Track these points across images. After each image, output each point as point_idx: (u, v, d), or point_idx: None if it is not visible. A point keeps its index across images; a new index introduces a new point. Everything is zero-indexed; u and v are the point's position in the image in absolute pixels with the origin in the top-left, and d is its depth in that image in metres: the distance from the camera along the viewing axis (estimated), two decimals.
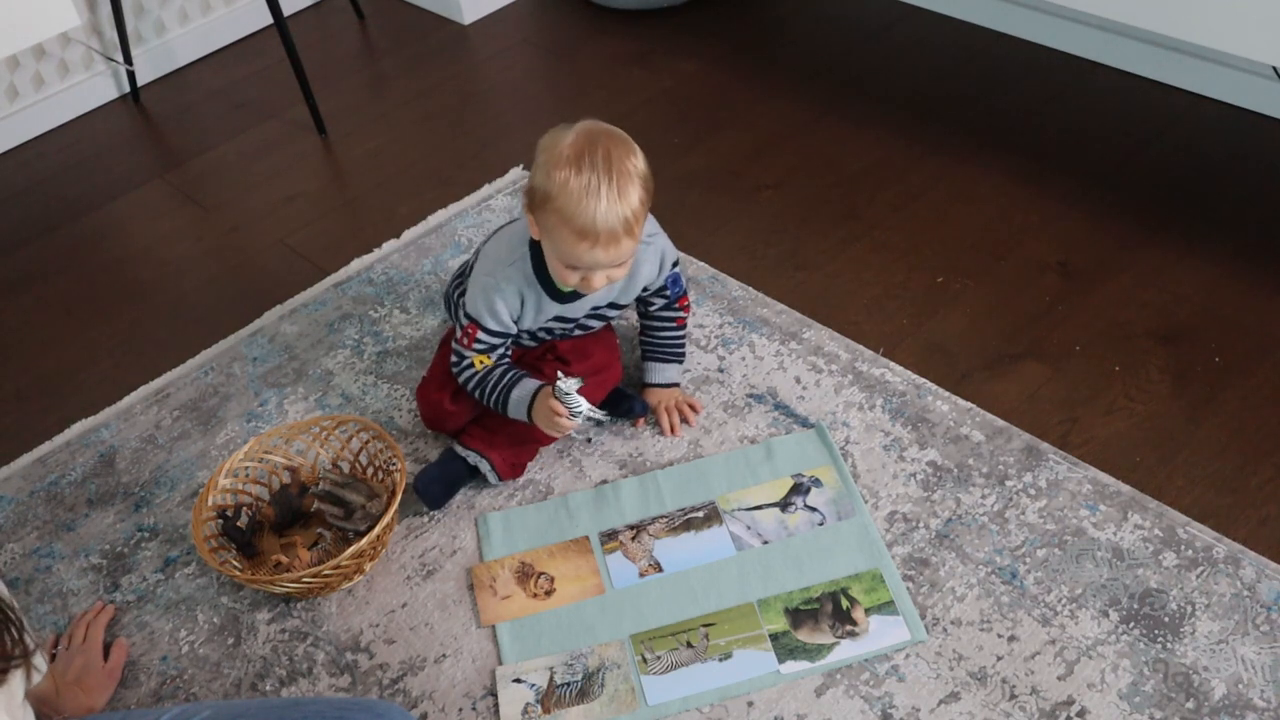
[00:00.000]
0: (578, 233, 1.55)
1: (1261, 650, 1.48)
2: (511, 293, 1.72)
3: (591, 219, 1.54)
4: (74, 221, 2.56)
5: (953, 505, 1.70)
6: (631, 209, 1.56)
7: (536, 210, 1.60)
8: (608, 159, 1.55)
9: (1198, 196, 2.16)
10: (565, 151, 1.56)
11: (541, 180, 1.57)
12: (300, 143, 2.70)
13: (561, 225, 1.56)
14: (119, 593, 1.77)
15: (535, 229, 1.64)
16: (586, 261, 1.59)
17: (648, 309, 1.87)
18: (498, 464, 1.79)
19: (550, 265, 1.66)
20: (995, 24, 2.66)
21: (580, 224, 1.54)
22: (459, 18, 3.02)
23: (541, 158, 1.58)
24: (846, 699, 1.50)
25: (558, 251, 1.61)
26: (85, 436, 2.02)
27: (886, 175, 2.33)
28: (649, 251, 1.75)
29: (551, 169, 1.56)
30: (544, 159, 1.58)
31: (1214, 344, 1.89)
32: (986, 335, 1.97)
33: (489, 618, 1.64)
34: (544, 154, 1.58)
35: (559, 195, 1.55)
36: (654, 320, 1.87)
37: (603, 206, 1.54)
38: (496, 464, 1.79)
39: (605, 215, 1.54)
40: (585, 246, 1.56)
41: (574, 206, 1.54)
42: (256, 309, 2.23)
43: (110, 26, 2.84)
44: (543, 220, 1.60)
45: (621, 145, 1.59)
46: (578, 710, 1.52)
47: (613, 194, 1.54)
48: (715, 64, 2.73)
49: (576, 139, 1.57)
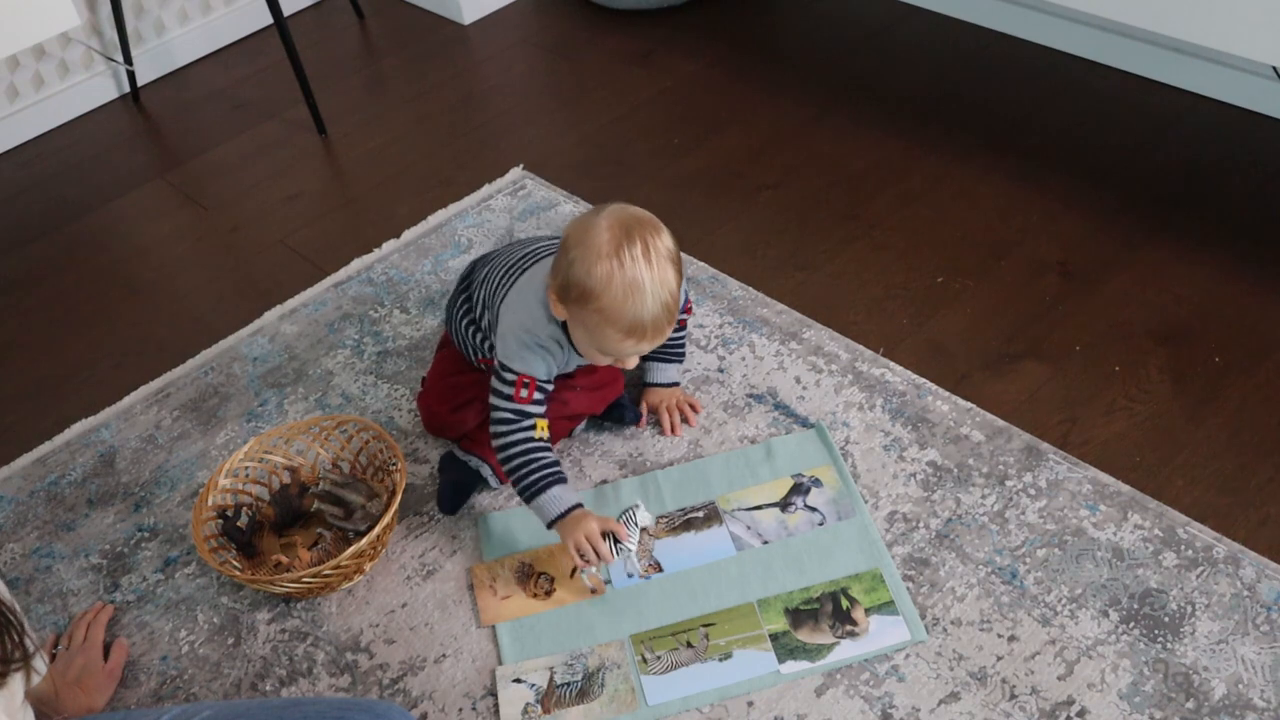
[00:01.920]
0: (625, 331, 1.52)
1: (1261, 650, 1.48)
2: (548, 350, 1.64)
3: (639, 316, 1.50)
4: (74, 221, 2.56)
5: (953, 505, 1.70)
6: (673, 295, 1.53)
7: (573, 305, 1.54)
8: (646, 250, 1.50)
9: (1198, 196, 2.16)
10: (603, 247, 1.50)
11: (580, 276, 1.51)
12: (300, 143, 2.70)
13: (606, 325, 1.52)
14: (119, 593, 1.77)
15: (561, 312, 1.58)
16: (628, 352, 1.57)
17: None
18: (497, 468, 1.79)
19: (581, 346, 1.62)
20: (995, 24, 2.66)
21: (628, 323, 1.51)
22: (459, 18, 3.02)
23: (575, 253, 1.52)
24: (846, 699, 1.50)
25: (596, 343, 1.56)
26: (85, 436, 2.02)
27: (886, 175, 2.33)
28: None
29: (590, 265, 1.50)
30: (579, 254, 1.51)
31: (1214, 344, 1.89)
32: (986, 335, 1.97)
33: (489, 618, 1.64)
34: (578, 249, 1.52)
35: (603, 294, 1.50)
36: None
37: (649, 302, 1.50)
38: (497, 469, 1.79)
39: (652, 309, 1.50)
40: (632, 342, 1.54)
41: (620, 305, 1.49)
42: (256, 309, 2.23)
43: (110, 26, 2.84)
44: (581, 316, 1.54)
45: (654, 230, 1.53)
46: (578, 710, 1.52)
47: (657, 286, 1.50)
48: (715, 64, 2.73)
49: (612, 232, 1.51)
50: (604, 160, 2.48)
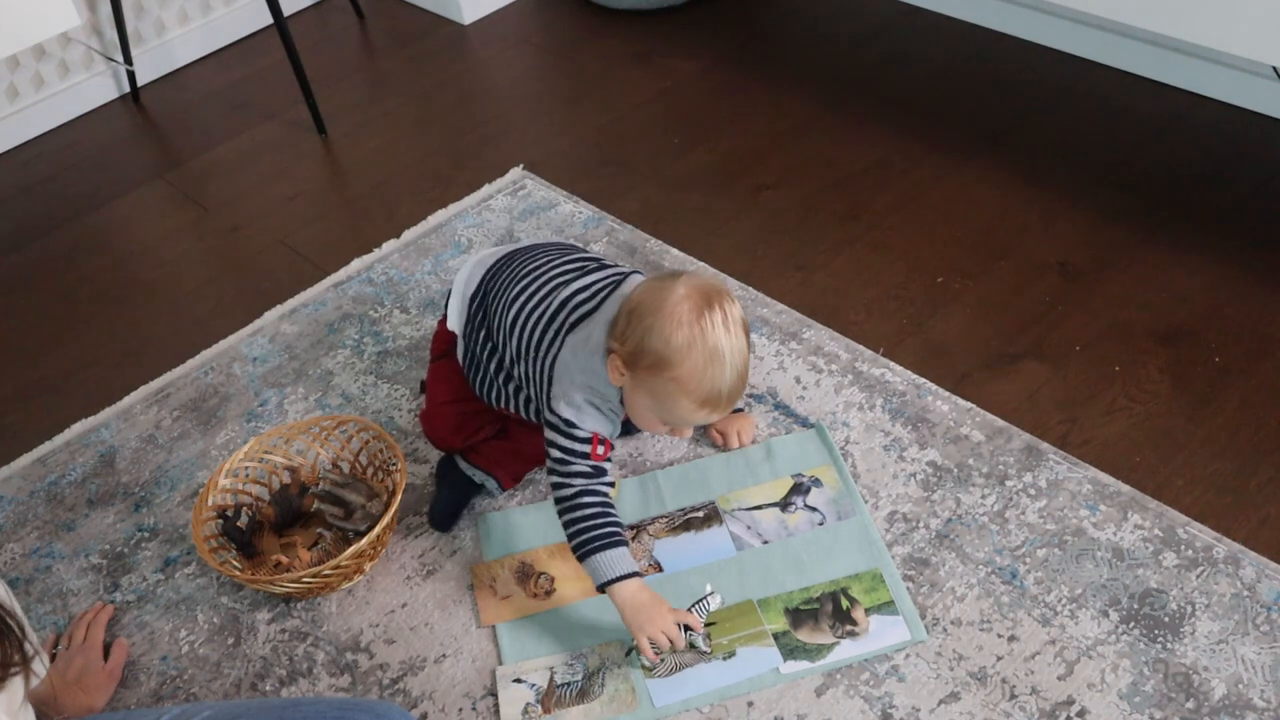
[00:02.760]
0: (701, 401, 1.47)
1: (1261, 650, 1.48)
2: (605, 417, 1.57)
3: (717, 387, 1.46)
4: (74, 221, 2.56)
5: (953, 505, 1.70)
6: (747, 364, 1.50)
7: (643, 372, 1.48)
8: (725, 318, 1.46)
9: (1198, 196, 2.16)
10: (684, 315, 1.45)
11: (657, 345, 1.45)
12: (300, 143, 2.70)
13: (682, 395, 1.47)
14: (119, 593, 1.77)
15: (621, 379, 1.53)
16: (698, 421, 1.53)
17: None
18: (503, 479, 1.78)
19: (637, 415, 1.56)
20: (995, 24, 2.66)
21: (705, 393, 1.46)
22: (459, 18, 3.02)
23: (651, 320, 1.46)
24: (846, 699, 1.50)
25: (664, 413, 1.52)
26: (85, 436, 2.02)
27: (886, 175, 2.33)
28: None
29: (670, 333, 1.45)
30: (655, 322, 1.46)
31: (1214, 344, 1.89)
32: (986, 335, 1.97)
33: (489, 618, 1.64)
34: (653, 316, 1.46)
35: (683, 362, 1.45)
36: None
37: (727, 372, 1.46)
38: (502, 479, 1.78)
39: (730, 380, 1.47)
40: (705, 412, 1.49)
41: (700, 375, 1.45)
42: (256, 309, 2.23)
43: (110, 26, 2.84)
44: (652, 384, 1.49)
45: (730, 299, 1.49)
46: (578, 710, 1.52)
47: (735, 356, 1.46)
48: (715, 64, 2.73)
49: (692, 300, 1.46)
50: (604, 160, 2.48)
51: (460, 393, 1.78)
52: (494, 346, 1.69)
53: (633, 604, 1.51)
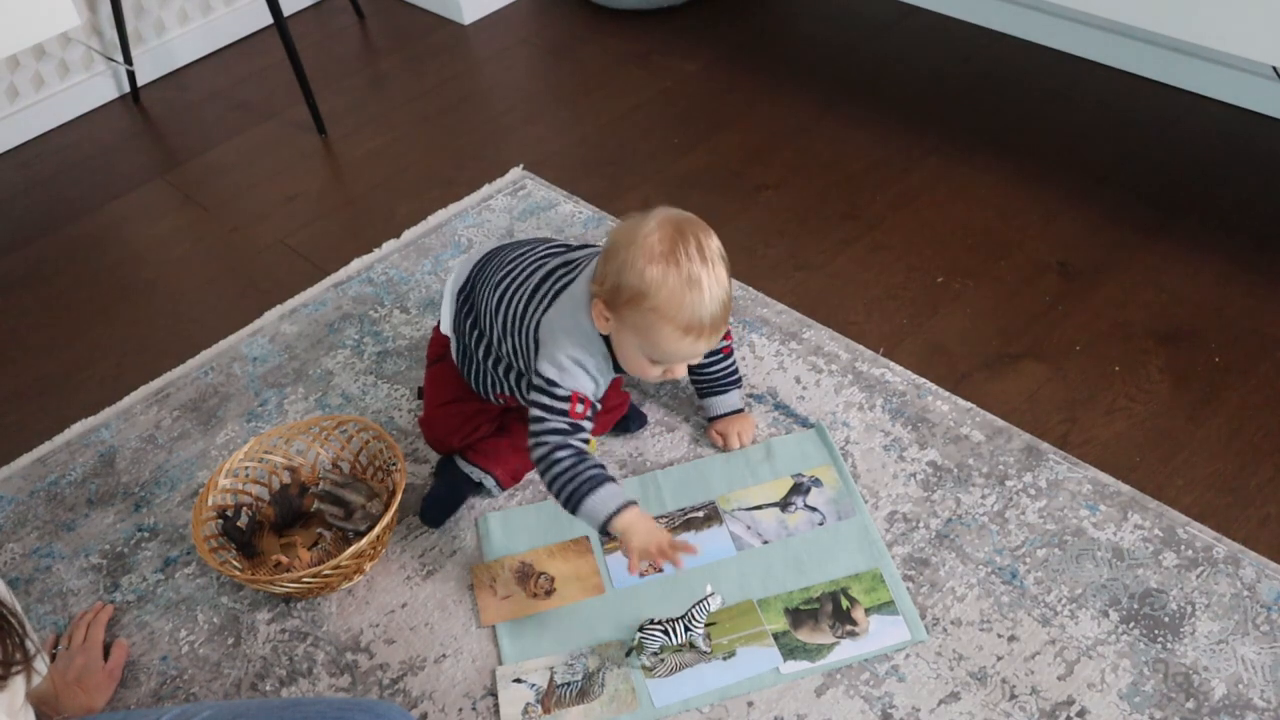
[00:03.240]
0: (683, 328, 1.48)
1: (1261, 650, 1.48)
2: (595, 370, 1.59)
3: (697, 312, 1.47)
4: (74, 221, 2.56)
5: (953, 505, 1.70)
6: (728, 294, 1.50)
7: (624, 308, 1.50)
8: (700, 247, 1.48)
9: (1198, 196, 2.16)
10: (656, 246, 1.47)
11: (631, 277, 1.47)
12: (300, 143, 2.70)
13: (663, 323, 1.48)
14: (119, 593, 1.77)
15: (606, 324, 1.54)
16: (685, 354, 1.53)
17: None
18: (501, 478, 1.78)
19: (628, 360, 1.57)
20: (995, 24, 2.66)
21: (686, 319, 1.47)
22: (459, 18, 3.02)
23: (626, 254, 1.48)
24: (846, 699, 1.50)
25: (649, 348, 1.52)
26: (85, 436, 2.02)
27: (886, 175, 2.33)
28: None
29: (644, 266, 1.47)
30: (629, 255, 1.48)
31: (1214, 344, 1.89)
32: (986, 335, 1.97)
33: (489, 617, 1.64)
34: (628, 249, 1.48)
35: (659, 290, 1.46)
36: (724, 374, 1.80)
37: (706, 298, 1.47)
38: (500, 478, 1.78)
39: (710, 306, 1.47)
40: (690, 340, 1.50)
41: (679, 300, 1.46)
42: (256, 309, 2.23)
43: (110, 26, 2.84)
44: (631, 318, 1.50)
45: (704, 230, 1.51)
46: (578, 710, 1.52)
47: (713, 283, 1.47)
48: (715, 64, 2.73)
49: (664, 231, 1.48)
50: (604, 160, 2.48)
51: (457, 393, 1.78)
52: (481, 332, 1.70)
53: (635, 529, 1.51)
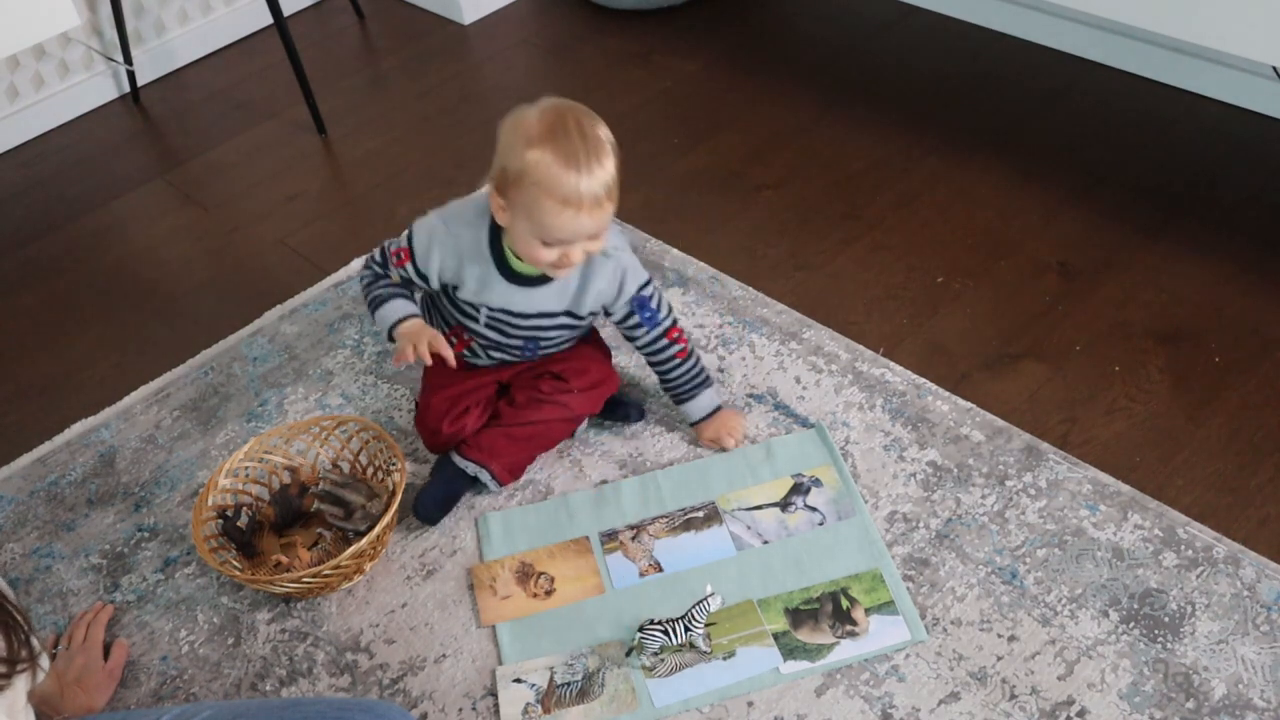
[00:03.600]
0: (562, 201, 1.54)
1: (1261, 650, 1.48)
2: (451, 249, 1.70)
3: (575, 185, 1.53)
4: (74, 221, 2.56)
5: (953, 505, 1.70)
6: (609, 174, 1.56)
7: (509, 191, 1.58)
8: (579, 128, 1.55)
9: (1198, 196, 2.16)
10: (535, 128, 1.55)
11: (512, 159, 1.56)
12: (300, 143, 2.70)
13: (543, 197, 1.54)
14: (119, 593, 1.77)
15: (503, 213, 1.62)
16: (570, 231, 1.57)
17: (637, 344, 1.80)
18: (497, 472, 1.78)
19: (521, 247, 1.63)
20: (995, 24, 2.66)
21: (564, 192, 1.53)
22: (459, 18, 3.02)
23: (509, 138, 1.58)
24: (846, 699, 1.50)
25: (536, 228, 1.58)
26: (85, 436, 2.02)
27: (886, 175, 2.33)
28: (606, 265, 1.70)
29: (524, 147, 1.55)
30: (513, 139, 1.57)
31: (1214, 344, 1.89)
32: (986, 335, 1.97)
33: (489, 618, 1.64)
34: (511, 134, 1.58)
35: (536, 169, 1.54)
36: (654, 360, 1.81)
37: (583, 171, 1.53)
38: (496, 472, 1.78)
39: (588, 180, 1.54)
40: (570, 214, 1.55)
41: (556, 176, 1.53)
42: (256, 309, 2.23)
43: (110, 26, 2.84)
44: (518, 198, 1.57)
45: (589, 116, 1.59)
46: (578, 710, 1.52)
47: (591, 159, 1.54)
48: (715, 64, 2.73)
49: (544, 115, 1.57)
50: None
51: (445, 380, 1.80)
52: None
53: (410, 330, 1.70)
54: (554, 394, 1.77)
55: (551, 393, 1.77)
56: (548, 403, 1.77)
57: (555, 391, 1.77)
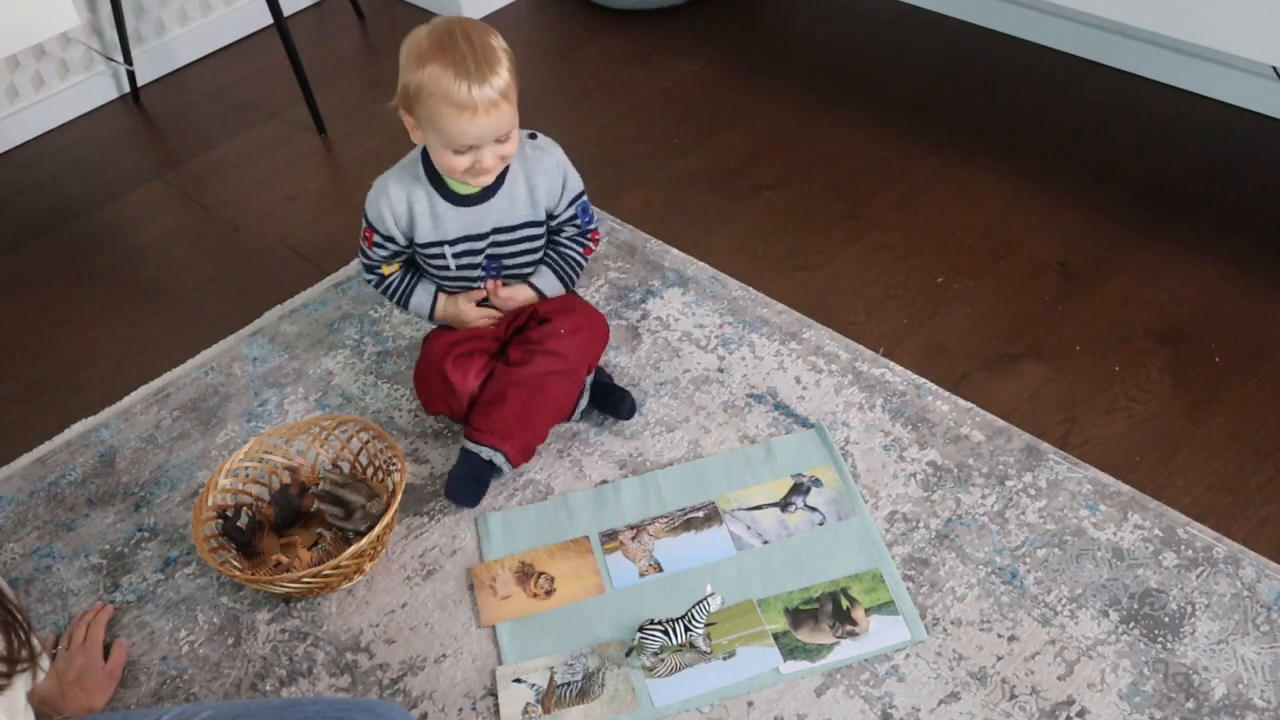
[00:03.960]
0: (457, 106, 1.59)
1: (1261, 650, 1.48)
2: (398, 196, 1.75)
3: (467, 89, 1.58)
4: (74, 221, 2.56)
5: (953, 505, 1.70)
6: (503, 78, 1.61)
7: (412, 108, 1.64)
8: (467, 38, 1.61)
9: (1198, 196, 2.16)
10: (425, 44, 1.62)
11: (410, 76, 1.62)
12: (300, 143, 2.70)
13: (440, 104, 1.60)
14: (119, 593, 1.77)
15: (416, 132, 1.68)
16: (471, 135, 1.62)
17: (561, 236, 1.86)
18: (511, 454, 1.78)
19: (439, 162, 1.69)
20: (995, 24, 2.66)
21: (459, 97, 1.58)
22: None
23: (405, 59, 1.64)
24: (846, 699, 1.50)
25: (441, 138, 1.64)
26: (85, 436, 2.02)
27: (886, 175, 2.33)
28: (546, 159, 1.77)
29: (418, 63, 1.61)
30: (406, 58, 1.64)
31: (1214, 344, 1.89)
32: (986, 335, 1.97)
33: (489, 618, 1.64)
34: (405, 55, 1.64)
35: (430, 80, 1.60)
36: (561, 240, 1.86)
37: (473, 76, 1.59)
38: (510, 454, 1.78)
39: (480, 84, 1.59)
40: (468, 117, 1.60)
41: (449, 83, 1.59)
42: (256, 309, 2.23)
43: (110, 26, 2.84)
44: (419, 113, 1.64)
45: (478, 26, 1.65)
46: (578, 710, 1.52)
47: (482, 64, 1.60)
48: (715, 64, 2.73)
49: (433, 30, 1.63)
50: (604, 160, 2.48)
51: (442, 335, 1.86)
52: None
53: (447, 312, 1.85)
54: (545, 339, 1.78)
55: (541, 339, 1.78)
56: (540, 352, 1.77)
57: (545, 337, 1.78)
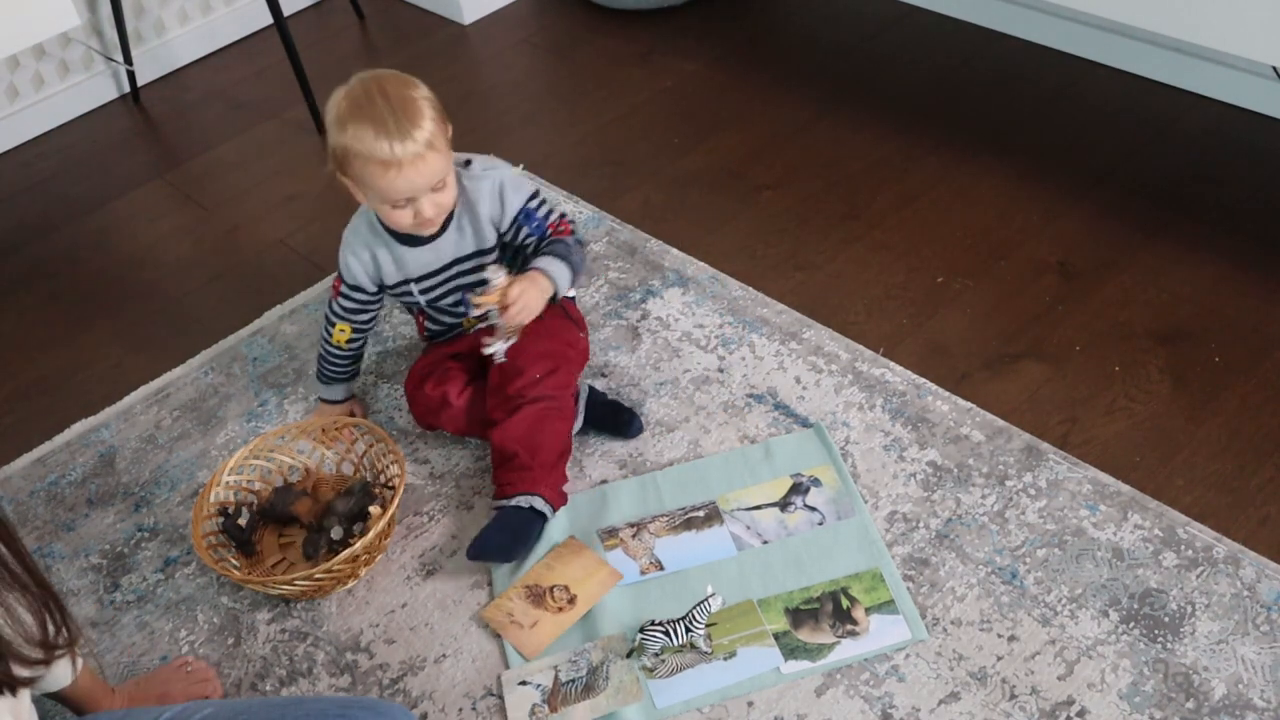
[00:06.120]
0: (382, 164, 1.60)
1: (1261, 650, 1.48)
2: (359, 245, 1.79)
3: (389, 149, 1.59)
4: (74, 221, 2.56)
5: (953, 505, 1.70)
6: (425, 130, 1.61)
7: (346, 169, 1.65)
8: (384, 94, 1.61)
9: (1198, 196, 2.16)
10: (343, 105, 1.63)
11: (335, 139, 1.64)
12: (300, 143, 2.70)
13: (366, 165, 1.61)
14: (119, 593, 1.77)
15: (355, 190, 1.69)
16: (403, 189, 1.63)
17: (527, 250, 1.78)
18: (549, 495, 1.71)
19: (384, 217, 1.71)
20: (995, 24, 2.66)
21: (382, 156, 1.59)
22: (459, 18, 3.02)
23: (328, 120, 1.65)
24: (846, 699, 1.50)
25: (377, 194, 1.65)
26: (85, 436, 2.02)
27: (886, 175, 2.33)
28: (482, 186, 1.76)
29: (339, 126, 1.62)
30: (330, 120, 1.65)
31: (1214, 344, 1.89)
32: (986, 335, 1.97)
33: (533, 650, 1.59)
34: (328, 119, 1.65)
35: (353, 143, 1.60)
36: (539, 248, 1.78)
37: (395, 133, 1.59)
38: (550, 496, 1.71)
39: (401, 140, 1.59)
40: (394, 174, 1.61)
41: (370, 145, 1.59)
42: (256, 309, 2.23)
43: (110, 26, 2.84)
44: (352, 174, 1.65)
45: (395, 78, 1.66)
46: (584, 705, 1.52)
47: (401, 120, 1.59)
48: (715, 64, 2.73)
49: (350, 90, 1.64)
50: (604, 160, 2.48)
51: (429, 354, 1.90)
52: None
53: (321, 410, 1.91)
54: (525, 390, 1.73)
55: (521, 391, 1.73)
56: (525, 403, 1.73)
57: (525, 389, 1.73)
